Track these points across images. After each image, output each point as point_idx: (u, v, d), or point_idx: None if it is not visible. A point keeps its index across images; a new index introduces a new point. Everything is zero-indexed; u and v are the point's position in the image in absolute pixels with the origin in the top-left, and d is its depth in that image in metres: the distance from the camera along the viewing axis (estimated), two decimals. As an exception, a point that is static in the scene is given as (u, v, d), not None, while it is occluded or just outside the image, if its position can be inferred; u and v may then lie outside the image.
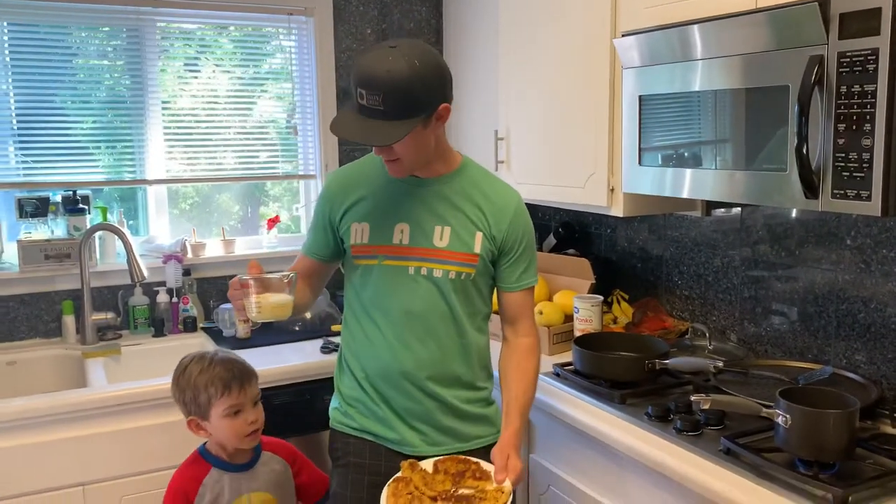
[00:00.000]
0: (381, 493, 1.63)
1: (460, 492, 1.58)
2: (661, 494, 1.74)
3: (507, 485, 1.58)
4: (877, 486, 1.49)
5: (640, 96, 2.01)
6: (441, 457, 1.69)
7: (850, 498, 1.43)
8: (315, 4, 3.04)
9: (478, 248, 1.74)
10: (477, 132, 2.85)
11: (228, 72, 3.01)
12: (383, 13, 3.17)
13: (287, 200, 3.28)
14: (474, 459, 1.68)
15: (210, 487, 1.85)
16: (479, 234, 1.74)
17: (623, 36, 2.05)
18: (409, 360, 1.74)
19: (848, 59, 1.47)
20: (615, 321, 2.59)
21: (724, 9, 1.77)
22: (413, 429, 1.76)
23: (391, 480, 1.62)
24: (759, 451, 1.61)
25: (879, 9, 1.40)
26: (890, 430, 1.77)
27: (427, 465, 1.67)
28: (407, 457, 1.73)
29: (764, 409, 1.63)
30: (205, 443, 1.92)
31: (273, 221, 3.09)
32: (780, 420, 1.58)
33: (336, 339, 2.62)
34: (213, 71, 2.98)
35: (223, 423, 1.80)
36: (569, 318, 2.52)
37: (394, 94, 1.51)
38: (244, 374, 1.84)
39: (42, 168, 2.75)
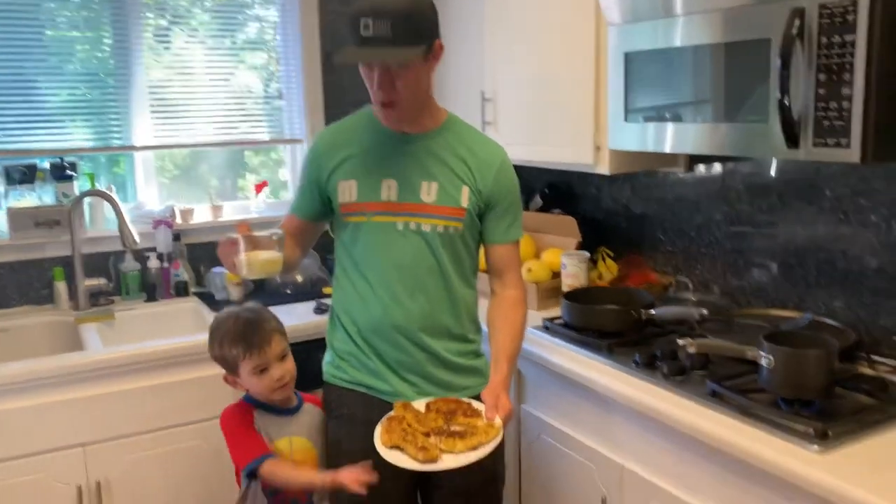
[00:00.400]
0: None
1: (452, 428, 1.64)
2: (649, 437, 1.81)
3: (498, 421, 1.65)
4: (854, 422, 1.56)
5: (625, 53, 2.04)
6: (433, 398, 1.76)
7: (829, 432, 1.50)
8: (298, -33, 3.04)
9: (465, 202, 1.78)
10: (463, 93, 2.87)
11: (204, 43, 2.99)
12: (366, -24, 3.17)
13: (266, 173, 3.27)
14: (466, 399, 1.74)
15: (257, 424, 1.89)
16: (466, 189, 1.79)
17: (608, -7, 2.08)
18: (399, 313, 1.78)
19: (829, 11, 1.51)
20: (600, 278, 2.65)
21: (707, -36, 1.80)
22: (405, 380, 1.81)
23: (384, 418, 1.68)
24: (744, 392, 1.68)
25: (859, -40, 1.45)
26: (867, 371, 1.85)
27: (419, 405, 1.73)
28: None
29: (749, 352, 1.69)
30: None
31: (261, 186, 3.10)
32: (763, 362, 1.65)
33: (328, 301, 2.65)
34: (188, 41, 2.97)
35: (252, 380, 1.85)
36: (556, 275, 2.57)
37: (403, 17, 1.58)
38: (265, 334, 1.85)
39: (25, 136, 2.74)
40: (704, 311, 2.08)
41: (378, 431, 1.65)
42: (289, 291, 2.85)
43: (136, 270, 2.83)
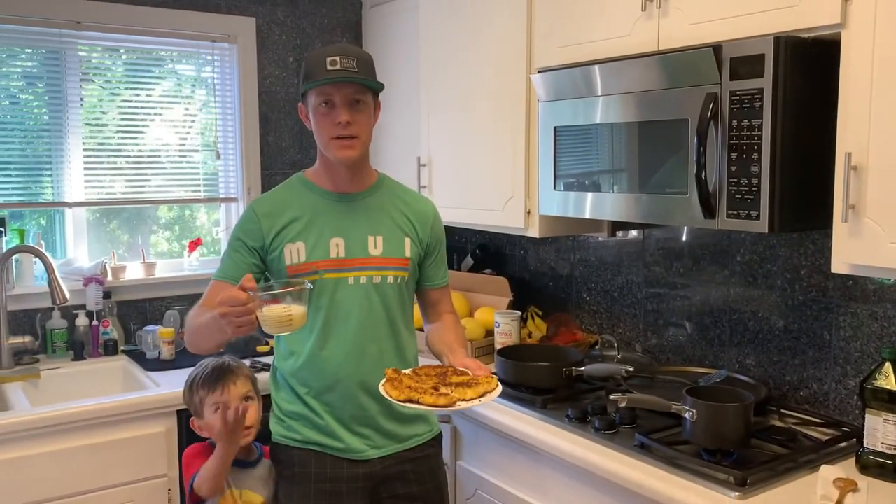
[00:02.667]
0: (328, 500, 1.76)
1: (453, 382, 1.69)
2: (583, 489, 1.90)
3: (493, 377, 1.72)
4: (768, 470, 1.70)
5: (555, 127, 2.20)
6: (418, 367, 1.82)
7: (748, 479, 1.63)
8: (238, 32, 3.11)
9: (408, 252, 1.91)
10: (400, 158, 2.99)
11: (130, 101, 3.03)
12: (304, 42, 3.28)
13: (179, 228, 3.27)
14: (448, 365, 1.81)
15: None
16: (408, 240, 1.91)
17: (539, 72, 2.24)
18: (353, 366, 1.83)
19: (738, 97, 1.70)
20: (530, 336, 2.76)
21: (630, 49, 1.99)
22: (357, 435, 1.85)
23: (383, 381, 1.70)
24: (670, 444, 1.80)
25: (763, 55, 1.64)
26: (778, 423, 2.01)
27: (407, 371, 1.78)
28: (352, 462, 1.83)
29: (673, 406, 1.82)
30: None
31: (195, 244, 3.10)
32: (687, 415, 1.77)
33: (262, 360, 2.67)
34: (111, 95, 3.00)
35: (213, 418, 1.87)
36: (489, 333, 2.67)
37: (363, 60, 1.80)
38: (232, 374, 1.93)
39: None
40: (630, 368, 2.21)
41: (384, 390, 1.67)
42: (222, 351, 2.84)
43: (63, 328, 2.78)
